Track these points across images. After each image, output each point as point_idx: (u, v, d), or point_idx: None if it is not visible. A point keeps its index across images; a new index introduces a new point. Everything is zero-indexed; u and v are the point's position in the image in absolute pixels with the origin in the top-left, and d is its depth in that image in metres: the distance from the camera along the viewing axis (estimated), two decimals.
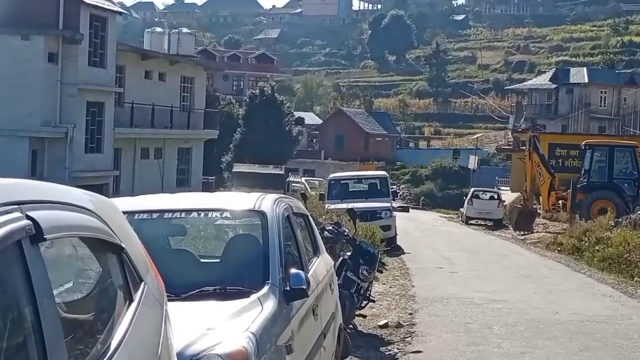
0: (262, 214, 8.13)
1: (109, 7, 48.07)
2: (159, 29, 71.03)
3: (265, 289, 7.26)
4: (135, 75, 52.92)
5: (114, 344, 3.80)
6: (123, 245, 4.21)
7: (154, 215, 8.45)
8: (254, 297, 7.10)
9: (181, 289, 7.18)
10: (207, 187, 60.40)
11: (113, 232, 4.15)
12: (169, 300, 7.14)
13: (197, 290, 7.23)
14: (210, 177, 64.87)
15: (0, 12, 41.10)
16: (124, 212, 8.47)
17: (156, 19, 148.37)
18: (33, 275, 3.10)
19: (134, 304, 4.17)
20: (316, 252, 9.99)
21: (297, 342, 7.45)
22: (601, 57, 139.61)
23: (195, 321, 6.58)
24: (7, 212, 3.04)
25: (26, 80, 42.36)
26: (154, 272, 4.66)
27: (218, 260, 8.60)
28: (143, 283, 4.38)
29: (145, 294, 4.34)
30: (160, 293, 4.65)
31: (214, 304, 7.03)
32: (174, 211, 8.62)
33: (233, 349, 6.21)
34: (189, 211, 8.67)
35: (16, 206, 3.15)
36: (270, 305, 7.09)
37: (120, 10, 54.98)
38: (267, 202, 8.40)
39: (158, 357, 4.24)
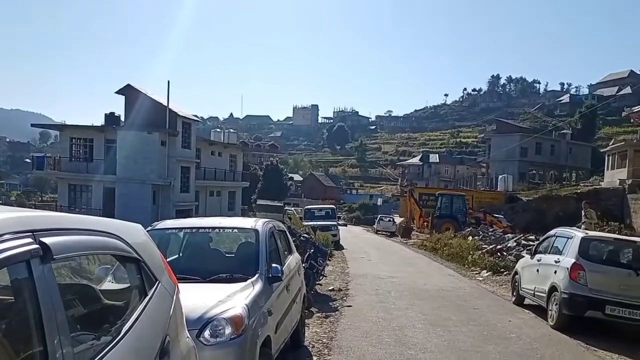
0: (256, 231, 7.14)
1: (192, 118, 48.12)
2: (218, 130, 70.42)
3: (256, 276, 6.34)
4: (206, 153, 52.38)
5: (125, 328, 2.71)
6: (140, 258, 3.12)
7: (194, 230, 7.53)
8: (249, 281, 6.18)
9: (208, 274, 6.31)
10: (243, 212, 59.57)
11: (132, 248, 3.06)
12: (198, 282, 6.13)
13: (215, 276, 6.28)
14: (244, 206, 63.71)
15: (139, 122, 41.38)
16: (180, 228, 7.60)
17: (219, 125, 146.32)
18: (39, 286, 2.04)
19: (147, 298, 3.07)
20: (290, 252, 8.88)
21: (276, 307, 6.52)
22: (445, 149, 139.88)
23: (212, 296, 5.60)
24: (19, 238, 2.02)
25: (150, 154, 41.94)
26: (168, 272, 3.55)
27: (234, 255, 7.56)
28: (158, 282, 3.28)
29: (158, 289, 3.23)
30: (172, 287, 3.52)
31: (225, 285, 6.03)
32: (206, 228, 7.61)
33: (234, 314, 5.32)
34: (214, 228, 7.64)
35: (30, 234, 2.09)
36: (258, 286, 6.14)
37: (197, 119, 54.86)
38: (259, 223, 7.42)
39: (165, 334, 3.13)
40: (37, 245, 2.13)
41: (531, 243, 21.24)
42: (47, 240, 2.20)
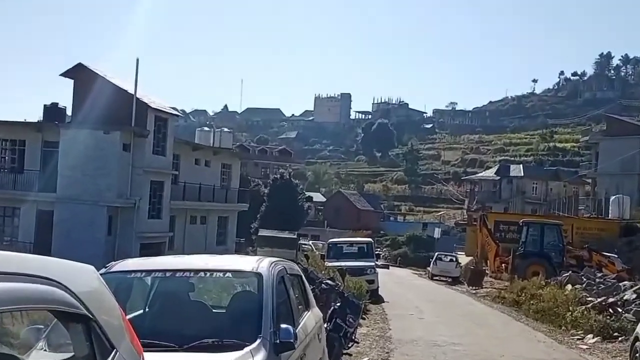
0: (259, 275, 7.05)
1: (169, 111, 48.46)
2: (206, 128, 70.95)
3: (257, 342, 6.21)
4: (187, 162, 52.65)
5: None
6: (91, 316, 3.07)
7: (167, 274, 7.42)
8: (246, 349, 6.06)
9: (187, 340, 6.17)
10: (239, 247, 59.89)
11: (82, 302, 3.01)
12: (173, 351, 6.07)
13: (197, 342, 6.18)
14: (241, 239, 63.98)
15: (93, 117, 41.02)
16: (147, 271, 7.57)
17: (207, 122, 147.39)
18: None
19: None
20: (307, 307, 8.86)
21: None
22: (533, 157, 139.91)
23: None
24: None
25: (106, 163, 42.18)
26: (130, 336, 3.50)
27: (225, 311, 7.52)
28: (115, 351, 3.23)
29: None
30: (136, 358, 3.48)
31: (211, 355, 5.94)
32: (184, 271, 7.52)
33: None
34: (197, 271, 7.54)
35: None
36: (260, 357, 6.03)
37: (177, 113, 55.50)
38: (263, 264, 7.32)
39: None
40: None
41: None
42: None
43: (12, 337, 2.93)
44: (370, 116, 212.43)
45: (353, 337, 15.44)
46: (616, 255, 36.62)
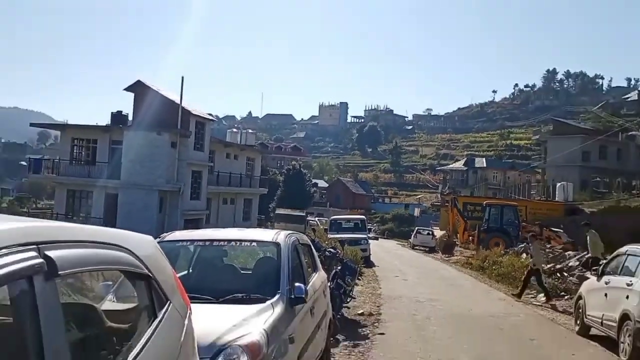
0: (277, 245, 7.14)
1: (206, 117, 49.13)
2: (235, 130, 70.58)
3: (277, 297, 6.28)
4: (220, 156, 53.07)
5: (131, 356, 2.69)
6: (151, 274, 3.11)
7: (207, 243, 7.50)
8: (268, 302, 6.10)
9: (221, 294, 6.27)
10: (260, 222, 60.12)
11: (144, 264, 3.03)
12: (210, 303, 6.09)
13: (229, 296, 6.23)
14: (262, 216, 64.29)
15: (148, 121, 41.79)
16: (191, 241, 7.60)
17: (235, 125, 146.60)
18: (40, 306, 2.01)
19: (156, 320, 3.06)
20: (315, 269, 8.84)
21: (298, 333, 6.44)
22: (493, 152, 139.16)
23: (226, 319, 5.52)
24: (21, 252, 2.00)
25: (158, 157, 42.67)
26: (180, 291, 3.55)
27: (251, 273, 7.59)
28: (169, 302, 3.26)
29: (169, 311, 3.21)
30: (184, 309, 3.51)
31: (240, 306, 5.97)
32: (220, 240, 7.59)
33: (250, 341, 5.23)
34: (229, 241, 7.62)
35: (34, 246, 2.08)
36: (279, 309, 6.08)
37: (212, 118, 55.76)
38: (281, 236, 7.40)
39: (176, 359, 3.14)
40: (42, 260, 2.09)
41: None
42: (52, 253, 2.16)
43: (89, 290, 2.98)
44: (362, 120, 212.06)
45: (351, 294, 15.36)
46: (562, 231, 36.49)
